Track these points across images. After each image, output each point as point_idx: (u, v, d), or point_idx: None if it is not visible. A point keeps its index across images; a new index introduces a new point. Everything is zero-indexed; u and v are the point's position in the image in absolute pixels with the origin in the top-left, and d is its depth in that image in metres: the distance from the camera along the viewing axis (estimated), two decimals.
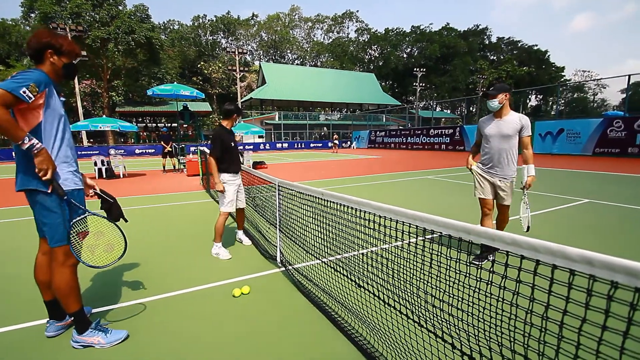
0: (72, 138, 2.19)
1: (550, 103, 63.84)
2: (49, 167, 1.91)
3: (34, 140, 1.86)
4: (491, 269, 1.22)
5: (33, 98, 1.85)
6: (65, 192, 2.01)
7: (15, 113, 1.88)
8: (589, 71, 67.95)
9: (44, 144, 1.95)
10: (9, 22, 46.32)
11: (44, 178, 1.91)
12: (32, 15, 35.06)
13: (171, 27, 60.23)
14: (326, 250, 2.68)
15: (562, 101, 58.47)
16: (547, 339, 1.07)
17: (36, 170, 1.89)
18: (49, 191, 1.96)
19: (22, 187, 1.97)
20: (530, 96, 63.93)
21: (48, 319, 2.28)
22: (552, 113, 56.41)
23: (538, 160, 14.82)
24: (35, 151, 1.86)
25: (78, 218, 2.10)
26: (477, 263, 3.11)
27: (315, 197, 2.64)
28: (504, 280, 1.18)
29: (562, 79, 60.77)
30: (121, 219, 2.33)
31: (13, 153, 2.04)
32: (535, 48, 61.99)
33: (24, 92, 1.81)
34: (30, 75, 1.87)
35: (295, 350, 2.10)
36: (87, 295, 2.85)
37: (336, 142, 28.44)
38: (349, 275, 2.49)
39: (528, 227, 3.30)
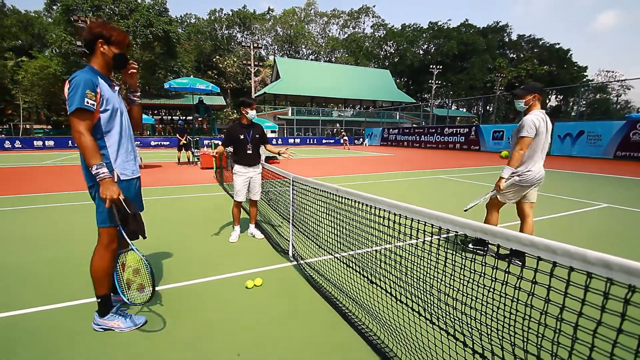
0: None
1: (571, 104, 61.92)
2: (109, 196, 1.96)
3: (101, 171, 1.93)
4: (507, 269, 1.23)
5: (95, 103, 1.96)
6: (124, 202, 2.04)
7: None
8: (612, 71, 65.53)
9: (105, 139, 2.07)
10: (32, 13, 47.68)
11: (106, 206, 1.99)
12: (54, 7, 35.94)
13: (188, 20, 60.83)
14: (339, 246, 2.71)
15: (584, 102, 56.71)
16: (560, 340, 1.08)
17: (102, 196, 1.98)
18: (115, 180, 2.09)
19: (92, 182, 2.08)
20: (550, 96, 62.08)
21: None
22: (573, 114, 54.74)
23: (556, 162, 14.50)
24: (99, 179, 1.95)
25: (122, 251, 2.22)
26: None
27: (330, 193, 2.67)
28: (519, 281, 1.19)
29: (584, 79, 58.81)
30: (140, 236, 2.15)
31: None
32: (557, 47, 60.14)
33: (87, 103, 1.92)
34: (78, 80, 1.91)
35: (305, 342, 2.15)
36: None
37: (346, 138, 28.33)
38: (361, 271, 2.52)
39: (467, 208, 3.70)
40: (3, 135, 29.63)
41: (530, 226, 3.46)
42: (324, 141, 35.51)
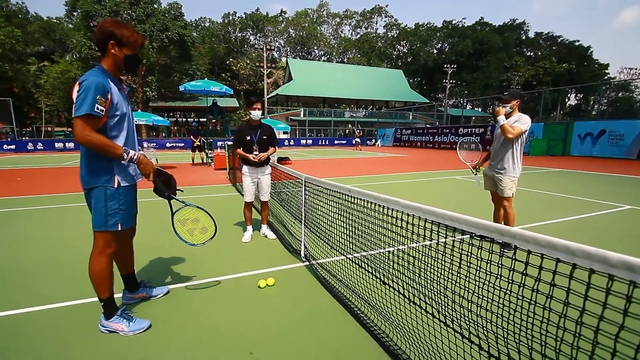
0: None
1: (592, 102, 59.92)
2: (149, 170, 2.16)
3: (131, 153, 2.02)
4: (524, 271, 1.20)
5: (104, 109, 1.94)
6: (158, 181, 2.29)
7: None
8: (636, 69, 63.00)
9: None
10: (53, 20, 49.40)
11: (149, 180, 2.21)
12: (75, 13, 37.12)
13: (202, 24, 61.85)
14: (351, 247, 2.70)
15: (605, 100, 54.75)
16: (580, 344, 1.04)
17: (142, 174, 2.21)
18: (115, 186, 2.12)
19: (88, 186, 2.09)
20: (569, 95, 60.24)
21: (124, 289, 2.60)
22: (594, 113, 52.94)
23: (576, 163, 14.08)
24: (136, 161, 2.06)
25: (178, 209, 2.43)
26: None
27: (342, 194, 2.66)
28: (537, 283, 1.15)
29: (606, 77, 56.86)
30: (170, 194, 2.41)
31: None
32: (577, 44, 58.36)
33: (97, 109, 1.89)
34: (89, 84, 1.87)
35: (316, 343, 2.15)
36: (119, 281, 3.02)
37: (358, 139, 28.07)
38: (373, 272, 2.51)
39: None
40: (26, 138, 30.77)
41: (502, 214, 3.94)
42: (336, 142, 35.46)
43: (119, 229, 2.18)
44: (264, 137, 4.04)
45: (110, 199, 2.11)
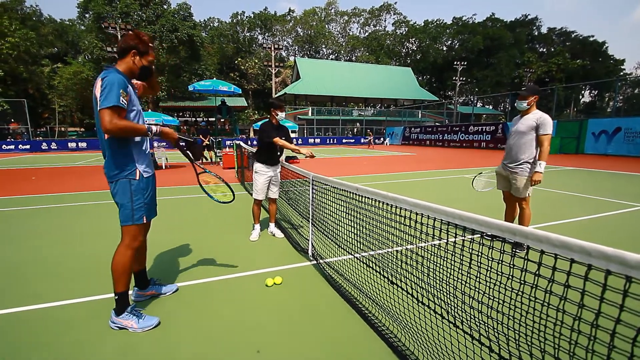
0: None
1: (607, 99, 58.43)
2: (172, 139, 2.35)
3: (154, 128, 2.20)
4: (537, 272, 1.17)
5: (126, 102, 2.11)
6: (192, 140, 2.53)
7: None
8: None
9: (130, 138, 2.23)
10: (66, 22, 50.37)
11: (176, 147, 2.44)
12: (87, 15, 37.79)
13: (211, 24, 62.28)
14: (358, 246, 2.68)
15: (621, 97, 53.34)
16: (596, 348, 1.01)
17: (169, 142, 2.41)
18: (137, 178, 2.27)
19: (113, 179, 2.24)
20: (583, 92, 58.77)
21: (134, 286, 2.67)
22: (609, 110, 51.61)
23: (589, 161, 13.75)
24: (159, 134, 2.23)
25: (201, 172, 2.69)
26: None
27: (350, 192, 2.64)
28: (550, 284, 1.12)
29: (622, 73, 55.38)
30: (202, 158, 2.59)
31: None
32: (592, 39, 56.93)
33: (122, 101, 2.06)
34: (112, 80, 2.03)
35: (323, 341, 2.14)
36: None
37: (370, 138, 28.01)
38: (381, 272, 2.48)
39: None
40: (40, 138, 31.46)
41: (514, 214, 3.92)
42: (344, 141, 35.35)
43: (144, 221, 2.32)
44: (283, 138, 4.08)
45: (135, 194, 2.26)
